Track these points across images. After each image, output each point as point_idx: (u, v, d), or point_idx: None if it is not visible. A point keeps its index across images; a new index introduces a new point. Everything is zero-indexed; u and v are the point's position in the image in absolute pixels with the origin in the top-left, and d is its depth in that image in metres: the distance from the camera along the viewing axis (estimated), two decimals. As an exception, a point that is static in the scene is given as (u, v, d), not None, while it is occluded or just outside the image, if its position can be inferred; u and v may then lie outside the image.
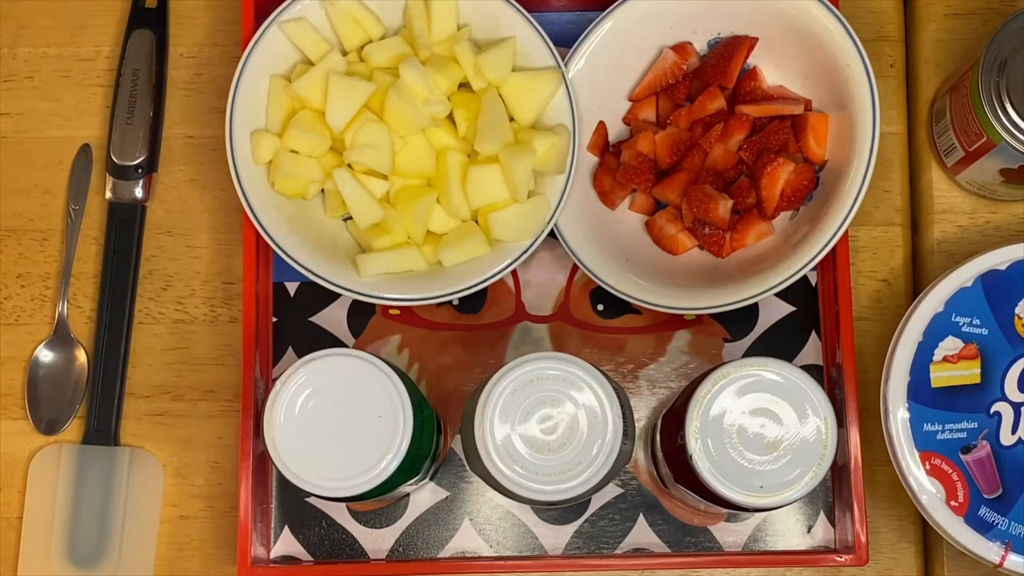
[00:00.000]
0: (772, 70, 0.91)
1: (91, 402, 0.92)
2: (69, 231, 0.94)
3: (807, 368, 0.79)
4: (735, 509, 0.78)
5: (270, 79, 0.89)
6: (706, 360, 0.92)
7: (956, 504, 0.83)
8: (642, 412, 0.92)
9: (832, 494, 0.90)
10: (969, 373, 0.84)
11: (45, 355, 0.93)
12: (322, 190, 0.91)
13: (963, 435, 0.84)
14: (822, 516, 0.90)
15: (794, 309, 0.93)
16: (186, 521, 0.92)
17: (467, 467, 0.89)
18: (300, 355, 0.84)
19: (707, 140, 0.90)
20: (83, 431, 0.92)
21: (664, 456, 0.83)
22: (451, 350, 0.93)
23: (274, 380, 0.77)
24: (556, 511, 0.91)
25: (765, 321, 0.93)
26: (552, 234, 0.88)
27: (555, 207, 0.87)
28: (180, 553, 0.92)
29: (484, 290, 0.92)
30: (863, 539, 0.86)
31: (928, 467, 0.84)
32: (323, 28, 0.90)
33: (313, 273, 0.86)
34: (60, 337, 0.93)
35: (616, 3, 0.89)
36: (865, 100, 0.86)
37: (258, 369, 0.89)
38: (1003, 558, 0.83)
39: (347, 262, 0.88)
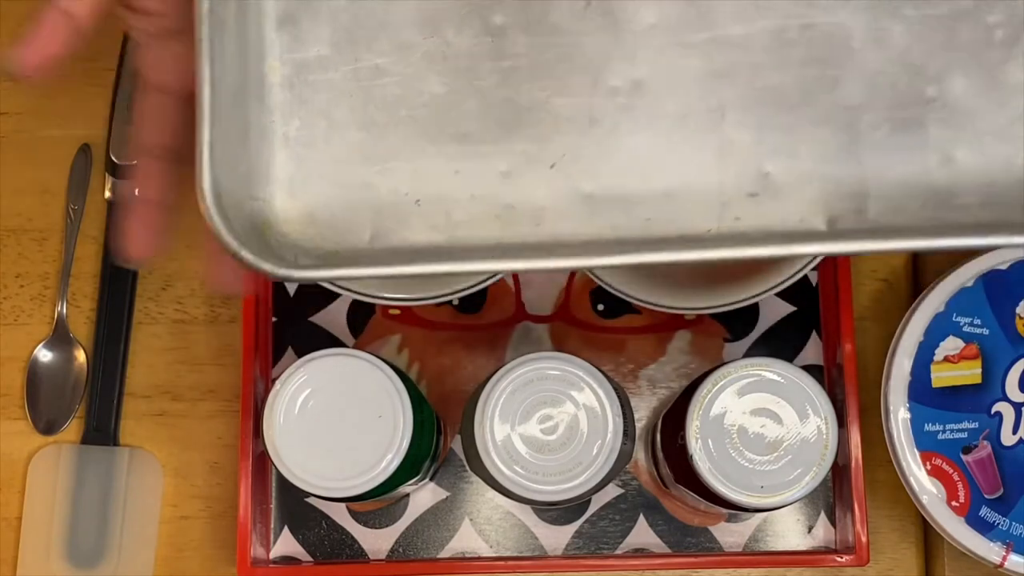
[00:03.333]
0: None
1: (90, 402, 0.92)
2: (68, 231, 0.94)
3: (807, 368, 0.79)
4: (735, 509, 0.78)
5: (270, 79, 0.89)
6: (706, 360, 0.92)
7: (957, 504, 0.83)
8: (642, 412, 0.92)
9: (833, 494, 0.90)
10: (970, 373, 0.84)
11: (44, 355, 0.93)
12: (322, 190, 0.90)
13: (964, 435, 0.84)
14: (823, 516, 0.90)
15: (794, 309, 0.93)
16: (185, 521, 0.92)
17: (467, 467, 0.89)
18: (300, 355, 0.84)
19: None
20: (82, 431, 0.92)
21: (664, 456, 0.83)
22: (451, 350, 0.93)
23: (274, 380, 0.77)
24: (556, 511, 0.91)
25: (765, 321, 0.93)
26: (552, 234, 0.87)
27: (555, 207, 0.86)
28: (180, 553, 0.92)
29: (484, 290, 0.92)
30: (864, 539, 0.86)
31: (929, 467, 0.83)
32: (323, 27, 0.89)
33: (313, 273, 0.86)
34: (59, 337, 0.93)
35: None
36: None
37: (258, 369, 0.89)
38: (1004, 558, 0.83)
39: (347, 262, 0.88)
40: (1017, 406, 0.84)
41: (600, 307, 0.93)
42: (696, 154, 0.72)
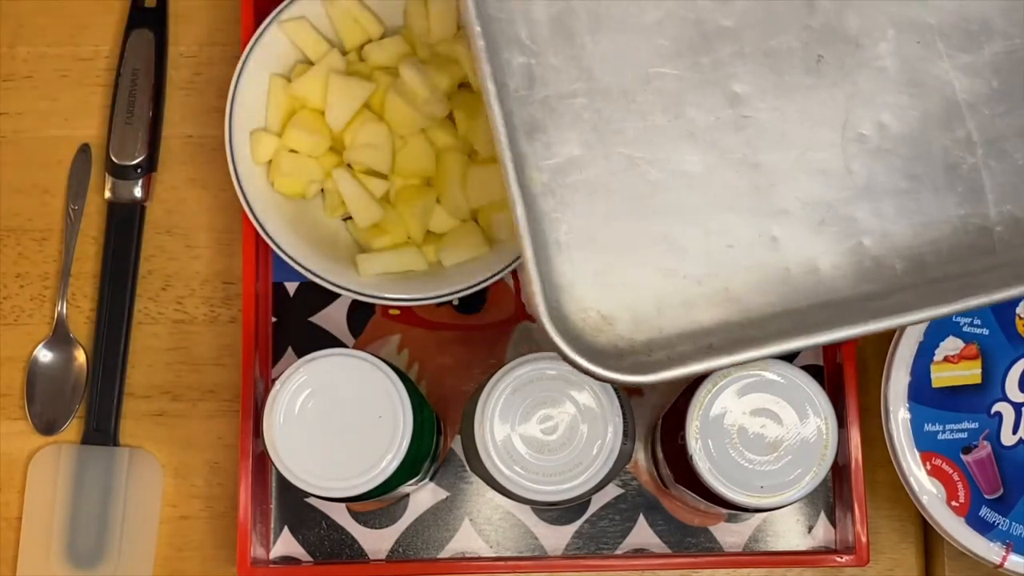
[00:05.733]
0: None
1: (90, 402, 0.92)
2: (68, 231, 0.94)
3: (807, 368, 0.79)
4: (735, 509, 0.78)
5: (270, 79, 0.89)
6: (706, 360, 0.92)
7: (957, 504, 0.83)
8: (642, 412, 0.92)
9: (833, 494, 0.90)
10: (970, 373, 0.84)
11: (44, 355, 0.93)
12: (322, 190, 0.90)
13: (964, 435, 0.84)
14: (823, 516, 0.90)
15: (795, 309, 0.93)
16: (185, 521, 0.92)
17: (467, 467, 0.89)
18: (300, 355, 0.84)
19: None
20: (82, 431, 0.92)
21: (664, 456, 0.83)
22: (451, 350, 0.93)
23: (274, 380, 0.77)
24: (556, 511, 0.91)
25: (765, 321, 0.92)
26: (552, 234, 0.87)
27: (555, 207, 0.86)
28: (179, 553, 0.92)
29: (484, 290, 0.92)
30: (864, 539, 0.86)
31: (929, 467, 0.83)
32: (323, 27, 0.90)
33: (313, 273, 0.86)
34: (59, 337, 0.93)
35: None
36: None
37: (258, 369, 0.89)
38: (1004, 558, 0.83)
39: (347, 262, 0.88)
40: (1017, 406, 0.84)
41: (600, 307, 0.93)
42: (956, 188, 0.73)
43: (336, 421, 0.75)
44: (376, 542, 0.91)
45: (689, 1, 0.74)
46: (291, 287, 0.93)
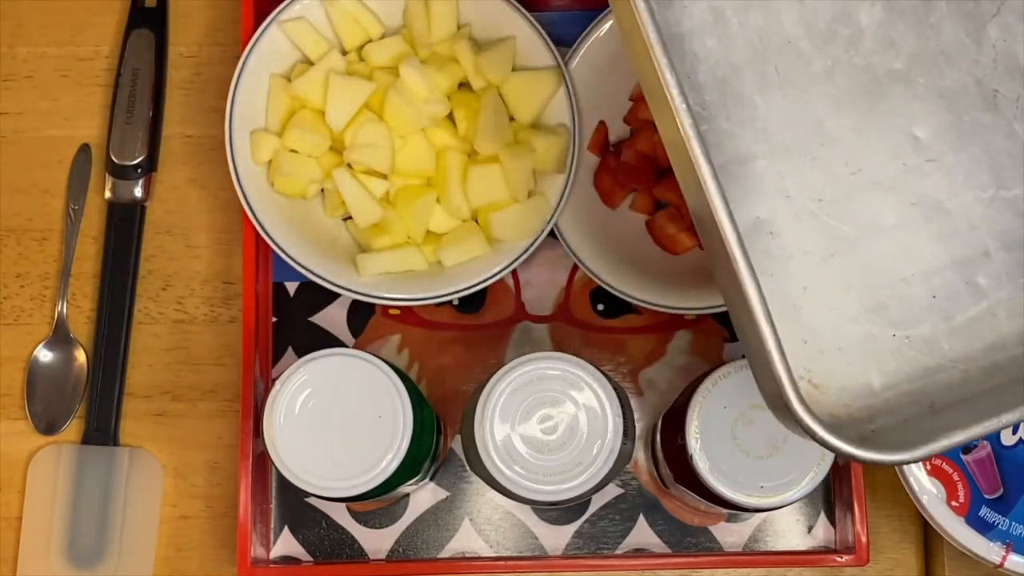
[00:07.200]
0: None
1: (90, 402, 0.92)
2: (68, 231, 0.94)
3: (808, 368, 0.79)
4: (735, 509, 0.78)
5: (270, 79, 0.89)
6: (706, 360, 0.92)
7: (957, 504, 0.83)
8: (642, 412, 0.92)
9: (833, 494, 0.90)
10: (970, 373, 0.84)
11: (44, 355, 0.93)
12: (322, 190, 0.90)
13: (964, 435, 0.84)
14: (823, 516, 0.90)
15: (795, 309, 0.92)
16: (186, 521, 0.92)
17: (467, 467, 0.89)
18: (300, 355, 0.84)
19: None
20: (82, 431, 0.92)
21: (664, 456, 0.83)
22: (451, 350, 0.93)
23: (274, 380, 0.77)
24: (556, 511, 0.91)
25: (765, 321, 0.92)
26: (552, 234, 0.88)
27: (555, 207, 0.86)
28: (180, 553, 0.92)
29: (484, 290, 0.92)
30: (864, 539, 0.86)
31: (929, 467, 0.83)
32: (323, 27, 0.90)
33: (313, 273, 0.86)
34: (59, 337, 0.93)
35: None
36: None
37: (258, 369, 0.89)
38: (1004, 558, 0.83)
39: (347, 262, 0.88)
40: (1017, 406, 0.84)
41: (600, 307, 0.93)
42: None
43: (336, 421, 0.75)
44: (376, 542, 0.91)
45: (854, 47, 0.72)
46: (291, 287, 0.93)
